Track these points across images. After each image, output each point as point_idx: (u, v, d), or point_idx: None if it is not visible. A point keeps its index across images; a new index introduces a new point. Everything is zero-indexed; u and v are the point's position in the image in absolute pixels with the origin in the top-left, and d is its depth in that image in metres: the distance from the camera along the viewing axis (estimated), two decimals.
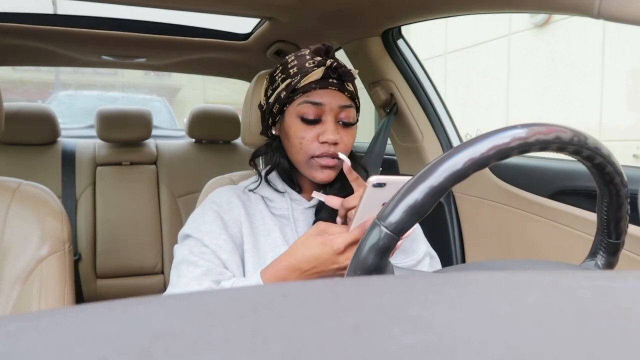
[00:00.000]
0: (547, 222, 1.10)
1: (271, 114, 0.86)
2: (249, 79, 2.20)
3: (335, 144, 0.81)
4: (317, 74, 0.80)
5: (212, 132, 2.24)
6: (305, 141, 0.82)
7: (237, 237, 0.83)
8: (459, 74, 6.30)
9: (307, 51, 0.84)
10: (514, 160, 1.24)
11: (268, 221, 0.86)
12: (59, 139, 2.11)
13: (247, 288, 0.19)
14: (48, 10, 1.80)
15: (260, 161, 0.96)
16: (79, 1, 1.32)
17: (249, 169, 1.15)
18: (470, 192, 1.35)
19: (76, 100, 5.72)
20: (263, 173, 0.90)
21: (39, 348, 0.13)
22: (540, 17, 5.06)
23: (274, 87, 0.85)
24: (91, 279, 1.97)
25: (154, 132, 2.27)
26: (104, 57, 1.97)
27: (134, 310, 0.16)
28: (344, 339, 0.13)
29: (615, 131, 4.30)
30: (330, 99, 0.81)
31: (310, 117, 0.81)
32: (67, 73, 10.42)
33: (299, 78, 0.81)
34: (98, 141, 2.14)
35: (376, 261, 0.46)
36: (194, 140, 2.29)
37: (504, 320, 0.15)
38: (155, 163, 2.16)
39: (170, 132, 3.15)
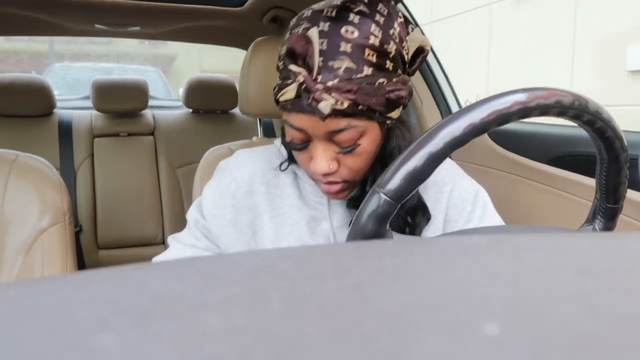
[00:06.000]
0: (546, 188, 1.10)
1: None
2: (245, 47, 2.16)
3: (330, 174, 0.62)
4: (289, 92, 0.57)
5: (209, 101, 2.22)
6: (300, 161, 0.65)
7: (246, 225, 0.72)
8: (445, 42, 6.30)
9: (301, 28, 0.58)
10: (513, 126, 1.23)
11: (296, 212, 0.71)
12: (55, 110, 2.09)
13: (246, 253, 0.19)
14: None
15: None
16: None
17: (248, 138, 1.14)
18: (469, 159, 1.35)
19: (73, 71, 5.69)
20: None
21: (39, 311, 0.13)
22: None
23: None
24: (93, 250, 1.98)
25: (151, 102, 2.25)
26: (98, 26, 1.94)
27: (134, 275, 0.16)
28: (345, 298, 0.13)
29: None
30: (313, 124, 0.58)
31: (297, 142, 0.61)
32: (61, 43, 10.25)
33: (278, 87, 0.60)
34: (95, 112, 2.12)
35: (375, 228, 0.47)
36: (191, 110, 2.27)
37: (504, 279, 0.15)
38: (152, 134, 2.15)
39: (167, 103, 3.12)
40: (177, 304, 0.13)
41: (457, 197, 0.74)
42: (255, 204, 0.72)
